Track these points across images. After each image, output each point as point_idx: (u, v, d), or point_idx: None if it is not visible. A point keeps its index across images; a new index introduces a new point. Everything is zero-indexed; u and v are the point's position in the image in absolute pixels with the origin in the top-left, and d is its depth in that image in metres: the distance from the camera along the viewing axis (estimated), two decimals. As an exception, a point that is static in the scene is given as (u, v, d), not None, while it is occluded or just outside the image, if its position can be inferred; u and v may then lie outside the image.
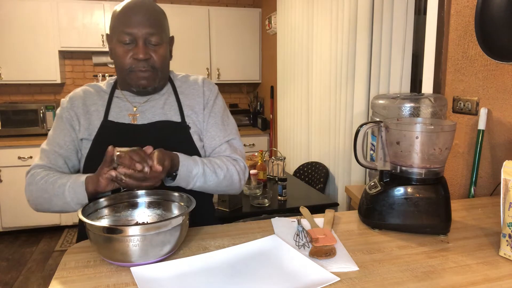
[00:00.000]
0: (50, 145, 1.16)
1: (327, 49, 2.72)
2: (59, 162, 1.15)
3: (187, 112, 1.20)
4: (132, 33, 1.08)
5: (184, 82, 1.26)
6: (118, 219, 1.01)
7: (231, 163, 1.17)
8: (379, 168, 1.07)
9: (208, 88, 1.25)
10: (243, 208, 2.20)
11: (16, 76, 3.79)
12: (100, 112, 1.17)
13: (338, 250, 0.90)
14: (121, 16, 1.10)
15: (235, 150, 1.22)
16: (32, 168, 1.13)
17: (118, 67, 1.15)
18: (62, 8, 3.80)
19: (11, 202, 3.61)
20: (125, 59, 1.10)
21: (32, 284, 2.87)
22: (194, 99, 1.22)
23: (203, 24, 4.21)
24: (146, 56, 1.09)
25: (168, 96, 1.21)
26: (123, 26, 1.08)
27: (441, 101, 1.57)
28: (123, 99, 1.19)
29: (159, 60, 1.13)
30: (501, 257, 0.88)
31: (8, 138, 3.70)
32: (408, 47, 1.95)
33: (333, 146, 2.72)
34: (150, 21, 1.09)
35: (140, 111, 1.18)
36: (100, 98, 1.19)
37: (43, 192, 1.06)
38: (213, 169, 1.11)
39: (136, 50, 1.09)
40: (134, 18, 1.08)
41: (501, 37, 1.42)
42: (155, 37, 1.10)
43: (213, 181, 1.11)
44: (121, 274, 0.82)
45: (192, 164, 1.07)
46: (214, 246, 0.94)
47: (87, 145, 1.14)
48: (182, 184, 1.06)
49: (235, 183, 1.17)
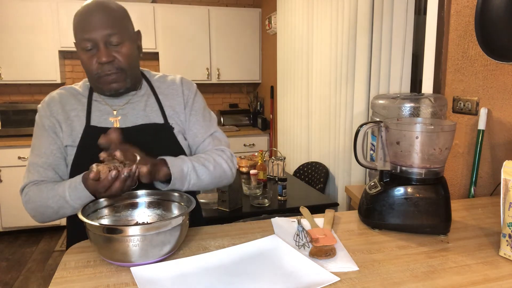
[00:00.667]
0: (36, 156, 1.12)
1: (327, 49, 2.72)
2: (49, 174, 1.12)
3: (168, 112, 1.19)
4: (91, 38, 1.05)
5: (162, 82, 1.24)
6: (118, 219, 1.01)
7: (216, 154, 1.17)
8: (379, 168, 1.07)
9: (187, 87, 1.25)
10: (243, 208, 2.20)
11: (16, 76, 3.79)
12: (81, 118, 1.14)
13: (338, 250, 0.90)
14: (78, 22, 1.07)
15: (219, 142, 1.23)
16: (25, 187, 1.10)
17: (87, 74, 1.13)
18: (62, 8, 3.80)
19: (11, 202, 3.61)
20: (91, 66, 1.08)
21: (32, 284, 2.87)
22: (174, 99, 1.22)
23: (203, 24, 4.21)
24: (109, 58, 1.06)
25: (148, 98, 1.20)
26: (82, 32, 1.06)
27: (441, 101, 1.57)
28: (102, 102, 1.17)
29: (124, 60, 1.09)
30: (501, 257, 0.88)
31: (8, 138, 3.70)
32: (408, 47, 1.95)
33: (333, 146, 2.71)
34: (107, 22, 1.06)
35: (121, 114, 1.16)
36: (78, 102, 1.16)
37: (45, 208, 1.05)
38: (202, 163, 1.11)
39: (98, 54, 1.06)
40: (90, 23, 1.05)
41: (501, 37, 1.42)
42: (115, 37, 1.07)
43: (205, 174, 1.10)
44: (121, 274, 0.82)
45: (180, 162, 1.06)
46: (214, 246, 0.94)
47: (72, 152, 1.12)
48: (177, 184, 1.05)
49: (226, 172, 1.17)
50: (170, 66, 4.08)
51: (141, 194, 1.04)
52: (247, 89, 4.84)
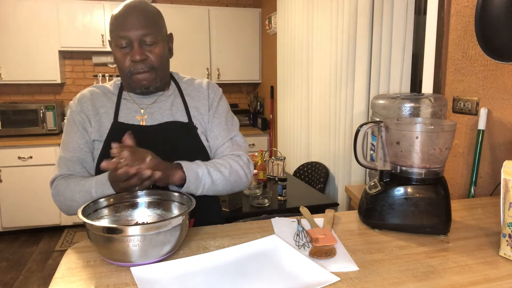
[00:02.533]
0: (65, 151, 1.18)
1: (327, 49, 2.72)
2: (77, 168, 1.17)
3: (193, 113, 1.23)
4: (126, 36, 1.11)
5: (189, 84, 1.29)
6: (118, 219, 1.01)
7: (233, 159, 1.19)
8: (379, 168, 1.07)
9: (213, 90, 1.28)
10: (243, 208, 2.20)
11: (16, 76, 3.79)
12: (110, 114, 1.19)
13: (338, 250, 0.90)
14: (116, 21, 1.13)
15: (238, 147, 1.25)
16: (54, 180, 1.16)
17: (119, 71, 1.18)
18: (62, 8, 3.80)
19: (11, 202, 3.61)
20: (125, 63, 1.14)
21: (32, 284, 2.87)
22: (200, 101, 1.25)
23: (203, 24, 4.21)
24: (142, 57, 1.12)
25: (174, 98, 1.24)
26: (118, 30, 1.11)
27: (441, 101, 1.57)
28: (131, 100, 1.22)
29: (156, 59, 1.15)
30: (501, 257, 0.88)
31: (8, 138, 3.70)
32: (408, 47, 1.95)
33: (333, 146, 2.72)
34: (143, 22, 1.11)
35: (148, 113, 1.20)
36: (108, 99, 1.22)
37: (71, 202, 1.10)
38: (217, 168, 1.13)
39: (132, 52, 1.12)
40: (127, 22, 1.11)
41: (501, 37, 1.42)
42: (149, 37, 1.12)
43: (220, 179, 1.13)
44: (121, 274, 0.82)
45: (196, 166, 1.10)
46: (214, 246, 0.94)
47: (99, 146, 1.17)
48: (192, 188, 1.08)
49: (241, 178, 1.19)
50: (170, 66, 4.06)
51: (141, 194, 1.04)
52: (247, 89, 4.84)
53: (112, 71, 4.29)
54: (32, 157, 3.62)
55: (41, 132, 3.81)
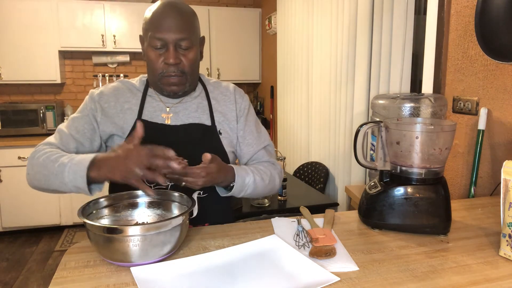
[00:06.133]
0: (68, 126, 1.16)
1: (327, 49, 2.72)
2: (71, 146, 1.13)
3: (218, 118, 1.23)
4: (163, 38, 1.09)
5: (216, 87, 1.28)
6: (118, 219, 1.01)
7: (273, 168, 1.25)
8: (379, 168, 1.07)
9: (240, 96, 1.29)
10: (243, 208, 2.20)
11: (16, 76, 3.79)
12: (134, 111, 1.18)
13: (338, 250, 0.90)
14: (153, 20, 1.10)
15: (271, 155, 1.31)
16: (40, 144, 1.12)
17: (150, 70, 1.16)
18: (62, 8, 3.80)
19: (11, 202, 3.61)
20: (157, 64, 1.12)
21: (32, 284, 2.87)
22: (226, 105, 1.25)
23: (203, 24, 4.20)
24: (176, 61, 1.10)
25: (201, 100, 1.24)
26: (154, 31, 1.09)
27: (441, 101, 1.57)
28: (156, 98, 1.20)
29: (188, 64, 1.14)
30: (501, 257, 0.88)
31: (8, 138, 3.70)
32: (408, 47, 1.95)
33: (333, 146, 2.72)
34: (180, 25, 1.09)
35: (173, 112, 1.19)
36: (133, 96, 1.20)
37: (43, 168, 1.02)
38: (261, 176, 1.18)
39: (167, 55, 1.10)
40: (165, 23, 1.08)
41: (501, 37, 1.42)
42: (185, 42, 1.11)
43: (261, 187, 1.18)
44: (121, 274, 0.82)
45: (245, 174, 1.13)
46: (214, 246, 0.94)
47: (119, 142, 1.14)
48: (235, 193, 1.12)
49: (276, 185, 1.26)
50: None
51: (141, 194, 1.04)
52: (247, 89, 4.84)
53: (112, 71, 4.29)
54: (32, 157, 3.62)
55: (41, 132, 3.81)
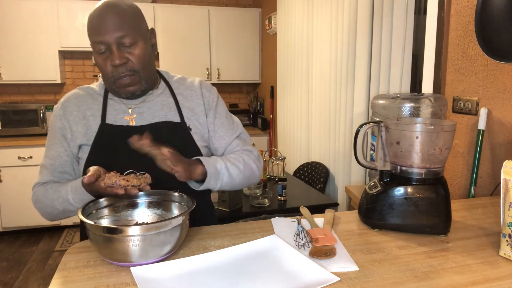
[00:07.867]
0: (46, 158, 1.17)
1: (327, 49, 2.72)
2: (56, 175, 1.15)
3: (186, 113, 1.20)
4: (103, 41, 1.05)
5: (181, 84, 1.24)
6: (118, 219, 1.01)
7: (245, 154, 1.21)
8: (379, 168, 1.07)
9: (207, 89, 1.25)
10: (243, 208, 2.20)
11: (16, 76, 3.79)
12: (97, 117, 1.14)
13: (338, 250, 0.90)
14: (91, 25, 1.07)
15: (246, 143, 1.27)
16: (34, 187, 1.16)
17: (102, 77, 1.13)
18: (62, 8, 3.79)
19: (11, 202, 3.61)
20: (106, 68, 1.08)
21: (32, 284, 2.87)
22: (194, 100, 1.22)
23: (203, 24, 4.21)
24: (122, 60, 1.06)
25: (166, 98, 1.20)
26: (94, 35, 1.06)
27: (441, 101, 1.57)
28: (118, 101, 1.17)
29: (137, 61, 1.08)
30: (501, 257, 0.88)
31: (8, 138, 3.70)
32: (408, 47, 1.95)
33: (333, 146, 2.71)
34: (117, 23, 1.04)
35: (137, 112, 1.16)
36: (94, 101, 1.17)
37: (51, 209, 1.10)
38: (232, 162, 1.14)
39: (111, 57, 1.06)
40: (101, 25, 1.04)
41: (501, 37, 1.42)
42: (127, 38, 1.05)
43: (236, 173, 1.14)
44: (121, 274, 0.82)
45: (214, 161, 1.10)
46: (214, 246, 0.94)
47: (87, 150, 1.12)
48: (211, 183, 1.08)
49: (254, 171, 1.21)
50: (170, 66, 4.07)
51: (141, 194, 1.04)
52: (247, 89, 4.84)
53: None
54: (32, 157, 3.62)
55: (41, 132, 3.81)
